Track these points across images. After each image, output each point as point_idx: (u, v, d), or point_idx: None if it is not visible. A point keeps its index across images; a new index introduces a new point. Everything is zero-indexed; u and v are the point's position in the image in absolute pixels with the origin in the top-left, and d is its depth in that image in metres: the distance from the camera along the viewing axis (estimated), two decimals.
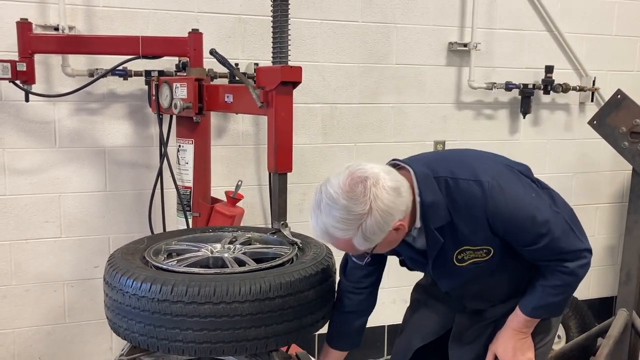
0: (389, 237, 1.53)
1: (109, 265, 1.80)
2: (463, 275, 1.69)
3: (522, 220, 1.57)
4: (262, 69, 2.10)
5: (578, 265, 1.63)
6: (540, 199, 1.65)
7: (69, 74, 2.68)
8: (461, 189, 1.56)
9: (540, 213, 1.59)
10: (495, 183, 1.56)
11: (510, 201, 1.56)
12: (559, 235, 1.60)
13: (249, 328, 1.63)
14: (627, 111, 2.63)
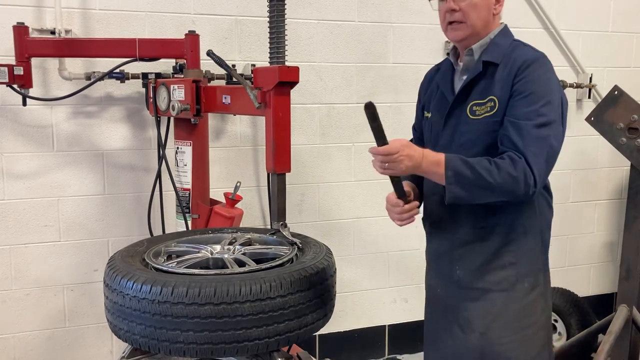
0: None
1: (109, 267, 1.80)
2: (469, 133, 1.73)
3: (537, 93, 1.64)
4: (259, 70, 2.10)
5: (526, 171, 1.58)
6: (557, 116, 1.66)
7: (66, 78, 2.68)
8: (523, 50, 1.74)
9: (551, 111, 1.64)
10: (549, 65, 1.71)
11: (543, 79, 1.66)
12: (541, 138, 1.61)
13: (250, 328, 1.63)
14: (625, 107, 2.63)
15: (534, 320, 1.78)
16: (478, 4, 1.72)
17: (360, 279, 3.35)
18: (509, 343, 1.76)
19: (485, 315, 1.78)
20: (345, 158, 3.26)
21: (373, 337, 3.44)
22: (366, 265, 3.37)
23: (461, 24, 1.75)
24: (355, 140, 3.26)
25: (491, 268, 1.77)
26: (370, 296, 3.41)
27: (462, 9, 1.73)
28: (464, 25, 1.75)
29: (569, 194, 3.80)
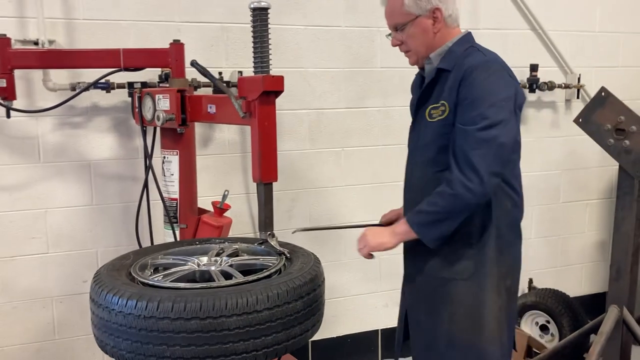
0: (426, 21, 1.87)
1: (94, 282, 1.79)
2: (427, 134, 1.88)
3: (479, 98, 1.73)
4: (243, 79, 2.09)
5: (462, 179, 1.71)
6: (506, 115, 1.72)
7: (51, 89, 2.66)
8: (473, 56, 1.83)
9: (495, 112, 1.70)
10: (495, 67, 1.79)
11: (487, 82, 1.75)
12: (487, 140, 1.69)
13: (237, 342, 1.62)
14: (612, 108, 2.63)
15: (486, 310, 1.87)
16: (415, 34, 1.90)
17: (352, 284, 3.35)
18: (466, 330, 1.88)
19: (449, 302, 1.89)
20: (335, 163, 3.25)
21: (366, 341, 3.44)
22: (358, 270, 3.36)
23: (409, 52, 1.96)
24: (345, 145, 3.25)
25: (454, 259, 1.88)
26: (363, 301, 3.41)
27: (404, 42, 1.93)
28: (410, 52, 1.95)
29: (560, 194, 3.80)
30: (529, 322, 3.50)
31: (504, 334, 1.93)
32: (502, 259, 1.89)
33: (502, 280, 1.90)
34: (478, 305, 1.87)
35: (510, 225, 1.90)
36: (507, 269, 1.92)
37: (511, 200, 1.88)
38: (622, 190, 2.70)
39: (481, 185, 1.70)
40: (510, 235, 1.91)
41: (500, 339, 1.91)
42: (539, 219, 3.77)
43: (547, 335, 3.44)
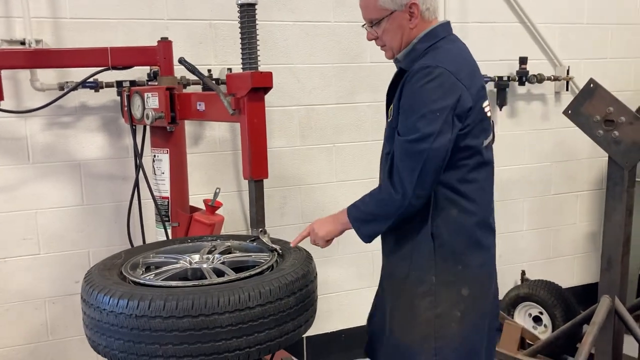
0: (402, 16, 1.80)
1: (85, 282, 1.78)
2: (385, 132, 1.89)
3: (412, 108, 1.71)
4: (232, 76, 2.08)
5: (389, 188, 1.74)
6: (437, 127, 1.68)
7: (39, 89, 2.64)
8: (423, 59, 1.78)
9: (426, 124, 1.67)
10: (435, 73, 1.70)
11: (422, 90, 1.70)
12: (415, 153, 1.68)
13: (229, 339, 1.62)
14: (600, 99, 2.64)
15: (416, 313, 1.85)
16: (390, 29, 1.84)
17: (345, 279, 3.35)
18: (397, 329, 1.90)
19: (387, 299, 1.95)
20: (327, 159, 3.25)
21: (360, 336, 3.43)
22: (351, 265, 3.37)
23: (384, 47, 1.91)
24: (335, 141, 3.25)
25: (394, 258, 1.91)
26: (356, 296, 3.41)
27: (379, 37, 1.89)
28: (386, 47, 1.91)
29: (551, 186, 3.82)
30: (522, 314, 3.52)
31: (447, 342, 1.83)
32: (446, 267, 1.81)
33: (446, 288, 1.82)
34: (410, 307, 1.86)
35: (457, 233, 1.81)
36: (457, 278, 1.82)
37: (457, 207, 1.80)
38: (612, 180, 2.71)
39: (404, 198, 1.70)
40: (458, 244, 1.82)
41: (437, 346, 1.83)
42: (530, 211, 3.78)
43: (540, 327, 3.46)
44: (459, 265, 1.82)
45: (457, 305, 1.83)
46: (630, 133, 2.57)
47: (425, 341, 1.84)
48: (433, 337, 1.83)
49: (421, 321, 1.84)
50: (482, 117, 1.80)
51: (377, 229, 1.82)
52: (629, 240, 2.77)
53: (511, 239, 3.75)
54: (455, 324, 1.83)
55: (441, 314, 1.82)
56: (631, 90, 3.69)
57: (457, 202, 1.80)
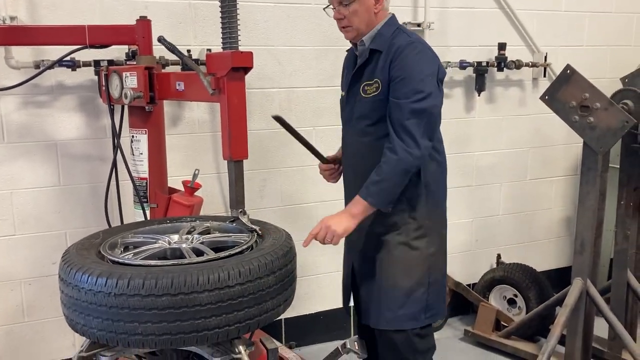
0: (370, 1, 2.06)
1: (63, 261, 1.77)
2: (361, 108, 2.14)
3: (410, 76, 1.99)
4: (212, 55, 2.07)
5: (402, 146, 1.97)
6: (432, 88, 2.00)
7: (14, 66, 2.59)
8: (399, 38, 2.07)
9: (424, 87, 1.98)
10: (420, 47, 2.04)
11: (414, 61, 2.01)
12: (419, 111, 1.97)
13: (209, 317, 1.63)
14: (576, 86, 2.68)
15: (415, 255, 2.17)
16: (358, 10, 2.06)
17: (324, 262, 3.37)
18: (393, 277, 2.17)
19: (382, 251, 2.19)
20: None
21: (339, 318, 3.47)
22: (330, 248, 3.36)
23: (348, 27, 2.12)
24: (316, 124, 3.25)
25: (387, 215, 2.13)
26: (335, 278, 3.41)
27: (346, 17, 2.08)
28: (350, 28, 2.11)
29: (527, 171, 3.88)
30: (497, 296, 3.58)
31: (434, 276, 2.21)
32: (434, 211, 2.20)
33: (434, 230, 2.20)
34: (409, 249, 2.16)
35: (437, 183, 2.19)
36: (440, 219, 2.25)
37: (436, 161, 2.16)
38: (586, 165, 2.76)
39: (418, 149, 1.98)
40: (439, 192, 2.21)
41: (430, 280, 2.19)
42: (507, 196, 3.84)
43: (514, 309, 3.53)
44: (438, 208, 2.23)
45: (442, 243, 2.26)
46: (605, 119, 2.61)
47: (423, 277, 2.18)
48: (428, 274, 2.18)
49: (420, 261, 2.16)
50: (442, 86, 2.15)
51: (396, 191, 2.04)
52: (602, 225, 2.84)
53: (487, 223, 3.81)
54: (440, 258, 2.26)
55: (434, 253, 2.20)
56: (607, 78, 3.74)
57: (435, 157, 2.15)
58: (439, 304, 2.25)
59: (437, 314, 2.25)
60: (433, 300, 2.21)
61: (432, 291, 2.20)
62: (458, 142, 3.60)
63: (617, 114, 2.59)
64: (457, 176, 3.61)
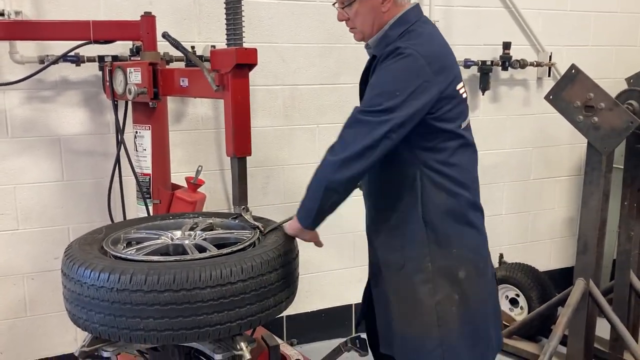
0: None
1: (65, 256, 1.77)
2: None
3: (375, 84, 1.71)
4: (216, 52, 2.06)
5: (328, 156, 1.70)
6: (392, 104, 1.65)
7: (18, 61, 2.59)
8: (396, 43, 1.75)
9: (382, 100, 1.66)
10: (403, 55, 1.69)
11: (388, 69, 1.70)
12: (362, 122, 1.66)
13: (210, 314, 1.62)
14: (581, 85, 2.67)
15: (417, 302, 1.83)
16: (361, 12, 1.82)
17: (326, 260, 3.37)
18: (400, 321, 1.87)
19: (385, 292, 1.90)
20: (310, 140, 3.25)
21: (340, 316, 3.48)
22: (332, 246, 3.38)
23: (354, 29, 1.89)
24: (319, 122, 3.25)
25: (387, 249, 1.88)
26: (337, 276, 3.44)
27: (350, 18, 1.87)
28: (356, 30, 1.89)
29: (531, 171, 3.87)
30: (499, 296, 3.57)
31: (445, 329, 1.82)
32: (440, 252, 1.81)
33: (443, 274, 1.81)
34: (410, 297, 1.84)
35: (447, 216, 1.81)
36: (453, 261, 1.82)
37: (445, 190, 1.79)
38: (590, 166, 2.75)
39: (339, 159, 1.66)
40: (450, 227, 1.81)
41: (441, 333, 1.81)
42: (510, 195, 3.83)
43: (516, 309, 3.53)
44: (452, 248, 1.82)
45: (455, 289, 1.82)
46: (610, 119, 2.61)
47: (430, 330, 1.82)
48: (437, 325, 1.81)
49: (423, 310, 1.82)
50: (458, 100, 1.79)
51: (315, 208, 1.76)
52: (605, 225, 2.83)
53: (490, 223, 3.72)
54: (455, 307, 1.82)
55: (441, 300, 1.81)
56: (612, 78, 3.73)
57: (444, 185, 1.79)
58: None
59: None
60: (451, 358, 1.82)
61: (447, 348, 1.81)
62: None
63: (622, 114, 2.58)
64: None
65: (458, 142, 1.81)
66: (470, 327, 1.84)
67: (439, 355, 1.81)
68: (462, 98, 1.83)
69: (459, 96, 1.81)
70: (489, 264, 1.95)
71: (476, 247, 1.89)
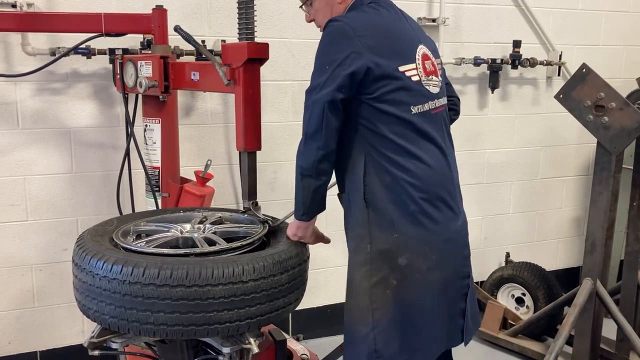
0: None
1: (78, 246, 1.77)
2: None
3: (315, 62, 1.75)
4: (228, 46, 2.07)
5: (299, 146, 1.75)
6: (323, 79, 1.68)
7: (30, 53, 2.60)
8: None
9: (315, 77, 1.71)
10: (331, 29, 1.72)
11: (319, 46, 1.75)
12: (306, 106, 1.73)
13: (221, 311, 1.63)
14: (592, 85, 2.66)
15: (354, 286, 1.82)
16: (319, 8, 1.90)
17: (332, 256, 3.37)
18: (345, 308, 1.86)
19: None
20: None
21: None
22: (338, 242, 3.34)
23: (320, 27, 1.90)
24: None
25: (346, 233, 1.90)
26: (343, 272, 3.39)
27: (313, 17, 1.94)
28: (321, 27, 1.88)
29: (538, 170, 3.86)
30: (505, 295, 3.57)
31: (379, 313, 1.77)
32: (382, 235, 1.76)
33: (382, 257, 1.76)
34: (350, 280, 1.85)
35: (393, 202, 1.74)
36: (393, 246, 1.75)
37: (390, 175, 1.74)
38: (599, 165, 2.74)
39: (302, 145, 1.74)
40: (394, 213, 1.75)
41: (374, 317, 1.77)
42: (518, 194, 3.83)
43: (522, 308, 3.52)
44: (394, 233, 1.75)
45: (393, 274, 1.76)
46: (620, 119, 2.59)
47: (364, 314, 1.78)
48: (371, 309, 1.76)
49: (359, 293, 1.80)
50: (403, 83, 1.73)
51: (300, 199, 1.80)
52: (613, 225, 2.82)
53: (497, 222, 3.80)
54: (390, 291, 1.76)
55: (377, 283, 1.76)
56: (622, 78, 3.72)
57: (390, 170, 1.74)
58: (392, 347, 1.77)
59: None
60: (382, 343, 1.76)
61: (379, 332, 1.75)
62: (469, 139, 3.58)
63: (633, 114, 2.57)
64: (468, 174, 3.60)
65: (405, 127, 1.74)
66: (406, 318, 1.78)
67: (371, 339, 1.76)
68: (410, 81, 1.76)
69: (405, 78, 1.74)
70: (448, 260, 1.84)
71: (426, 237, 1.78)
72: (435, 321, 1.83)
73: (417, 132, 1.76)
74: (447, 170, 1.86)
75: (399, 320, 1.78)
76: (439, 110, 1.86)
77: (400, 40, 1.79)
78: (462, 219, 1.91)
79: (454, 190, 1.88)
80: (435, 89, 1.85)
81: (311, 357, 2.54)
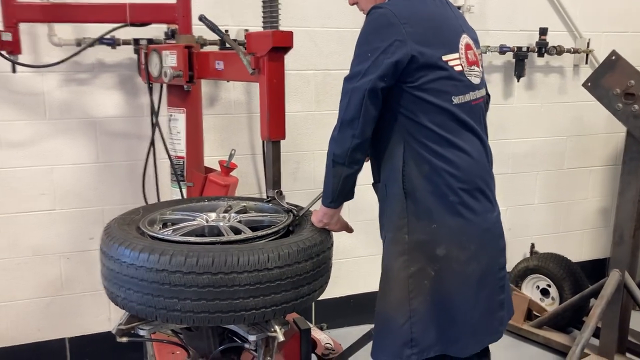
0: None
1: (105, 235, 1.79)
2: None
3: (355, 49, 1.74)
4: (252, 35, 2.06)
5: (333, 133, 1.74)
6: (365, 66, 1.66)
7: (56, 44, 2.63)
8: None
9: (355, 65, 1.70)
10: (373, 16, 1.70)
11: (361, 34, 1.73)
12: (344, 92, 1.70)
13: (246, 298, 1.63)
14: (621, 72, 2.61)
15: (391, 276, 1.81)
16: None
17: (355, 246, 3.37)
18: (379, 297, 1.87)
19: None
20: None
21: (368, 302, 3.47)
22: (361, 232, 3.34)
23: (363, 11, 1.88)
24: None
25: (381, 223, 1.89)
26: (365, 262, 3.44)
27: (357, 1, 1.91)
28: (363, 11, 1.86)
29: (564, 160, 3.81)
30: (529, 286, 3.54)
31: (416, 302, 1.76)
32: (420, 225, 1.74)
33: (419, 247, 1.75)
34: (386, 269, 1.84)
35: (432, 192, 1.73)
36: (432, 236, 1.74)
37: (430, 165, 1.72)
38: (628, 155, 2.69)
39: (337, 132, 1.72)
40: (432, 202, 1.73)
41: (411, 306, 1.76)
42: (543, 184, 3.78)
43: (547, 299, 3.49)
44: (433, 224, 1.74)
45: (431, 264, 1.75)
46: None
47: (402, 303, 1.77)
48: (408, 299, 1.76)
49: (396, 283, 1.79)
50: (447, 73, 1.71)
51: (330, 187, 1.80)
52: None
53: (522, 212, 3.75)
54: (428, 282, 1.75)
55: (414, 274, 1.76)
56: None
57: (429, 160, 1.72)
58: (429, 338, 1.77)
59: (425, 350, 1.77)
60: (419, 333, 1.76)
61: (416, 322, 1.76)
62: (494, 128, 3.53)
63: None
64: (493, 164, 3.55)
65: (446, 117, 1.72)
66: (443, 308, 1.77)
67: (407, 328, 1.76)
68: (454, 71, 1.73)
69: (449, 68, 1.71)
70: (485, 250, 1.82)
71: (464, 228, 1.76)
72: (474, 314, 1.80)
73: (457, 122, 1.74)
74: (486, 161, 1.86)
75: (436, 311, 1.77)
76: (478, 102, 1.83)
77: (444, 29, 1.75)
78: (497, 210, 1.89)
79: (490, 181, 1.88)
80: (477, 80, 1.82)
81: (335, 346, 2.55)
